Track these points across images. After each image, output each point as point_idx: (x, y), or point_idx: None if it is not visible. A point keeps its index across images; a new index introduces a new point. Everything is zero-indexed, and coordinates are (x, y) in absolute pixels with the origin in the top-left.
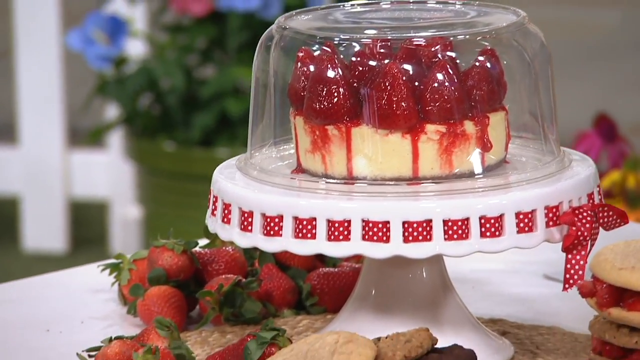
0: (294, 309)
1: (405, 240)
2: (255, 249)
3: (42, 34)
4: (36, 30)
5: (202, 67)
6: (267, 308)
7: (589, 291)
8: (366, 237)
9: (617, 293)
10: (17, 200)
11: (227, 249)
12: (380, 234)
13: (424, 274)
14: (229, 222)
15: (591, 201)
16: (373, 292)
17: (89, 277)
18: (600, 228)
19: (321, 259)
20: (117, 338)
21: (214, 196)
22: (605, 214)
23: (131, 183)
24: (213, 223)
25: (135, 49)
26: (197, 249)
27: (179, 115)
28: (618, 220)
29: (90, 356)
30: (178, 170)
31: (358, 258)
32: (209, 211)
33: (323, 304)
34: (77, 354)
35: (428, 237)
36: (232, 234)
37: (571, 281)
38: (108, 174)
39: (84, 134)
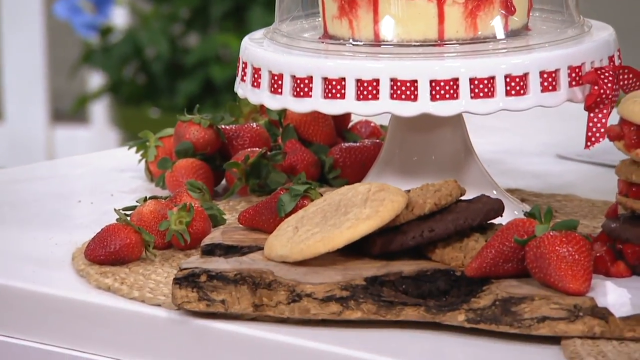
0: (317, 182)
1: (433, 98)
2: (279, 125)
3: (25, 7)
4: (20, 3)
5: (187, 35)
6: (291, 180)
7: (617, 134)
8: (394, 95)
9: None
10: None
11: (251, 124)
12: (408, 92)
13: (447, 138)
14: (258, 86)
15: (612, 63)
16: (397, 157)
17: (115, 159)
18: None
19: (343, 136)
20: (151, 198)
21: (243, 62)
22: (626, 75)
23: None
24: (243, 88)
25: (120, 18)
26: (221, 125)
27: (164, 83)
28: (638, 83)
29: (126, 215)
30: None
31: (379, 134)
32: (238, 78)
33: (345, 176)
34: (115, 209)
35: (455, 95)
36: (262, 97)
37: (593, 139)
38: (92, 149)
39: (67, 115)
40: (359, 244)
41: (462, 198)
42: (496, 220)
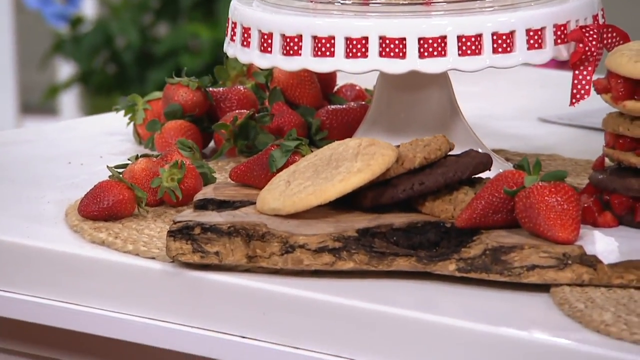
0: None
1: (421, 55)
2: (266, 88)
3: None
4: None
5: (156, 25)
6: None
7: (604, 87)
8: (383, 53)
9: (632, 86)
10: None
11: (238, 87)
12: (396, 50)
13: (434, 97)
14: (248, 45)
15: (596, 22)
16: (384, 116)
17: (103, 123)
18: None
19: (328, 100)
20: (143, 156)
21: (232, 22)
22: (610, 34)
23: None
24: (233, 48)
25: (91, 9)
26: (209, 88)
27: (134, 72)
28: (620, 41)
29: (118, 172)
30: None
31: (364, 97)
32: (227, 38)
33: (332, 137)
34: (107, 167)
35: (443, 52)
36: (252, 56)
37: (578, 96)
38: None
39: (36, 107)
40: (350, 198)
41: (451, 153)
42: (484, 175)
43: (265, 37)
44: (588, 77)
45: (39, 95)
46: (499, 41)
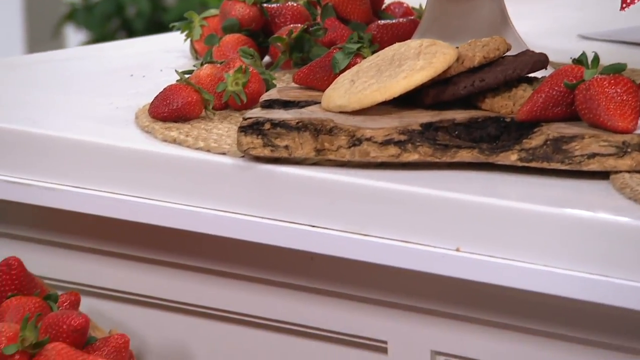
0: None
1: None
2: (318, 5)
3: None
4: None
5: None
6: None
7: None
8: None
9: None
10: None
11: (292, 3)
12: None
13: (485, 7)
14: None
15: None
16: (435, 27)
17: (159, 42)
18: None
19: (378, 16)
20: (207, 62)
21: None
22: None
23: None
24: None
25: None
26: (264, 4)
27: None
28: None
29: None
30: None
31: (411, 14)
32: None
33: None
34: (176, 71)
35: None
36: None
37: (628, 0)
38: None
39: None
40: (411, 96)
41: (507, 54)
42: (539, 75)
43: None
44: None
45: None
46: None
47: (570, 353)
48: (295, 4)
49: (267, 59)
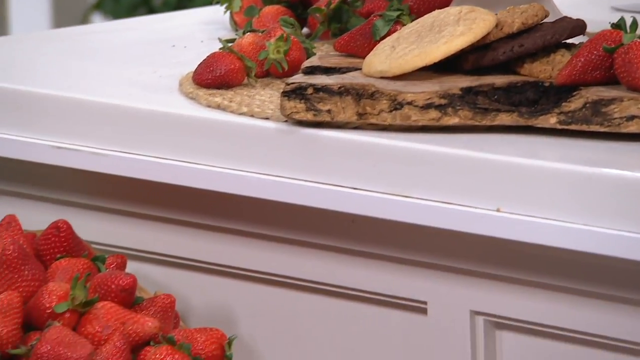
0: None
1: None
2: None
3: None
4: None
5: None
6: None
7: None
8: None
9: None
10: None
11: None
12: None
13: None
14: None
15: None
16: None
17: (196, 15)
18: None
19: None
20: (249, 31)
21: None
22: None
23: None
24: None
25: None
26: None
27: None
28: None
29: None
30: None
31: None
32: None
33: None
34: (219, 39)
35: None
36: None
37: None
38: None
39: None
40: (451, 62)
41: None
42: (576, 41)
43: None
44: None
45: None
46: None
47: (611, 312)
48: None
49: (305, 30)
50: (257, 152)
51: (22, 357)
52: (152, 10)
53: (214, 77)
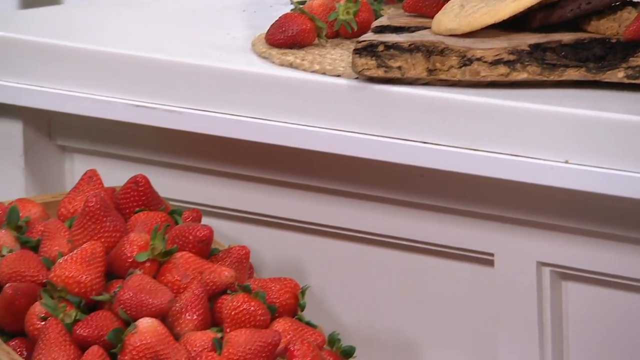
0: None
1: None
2: None
3: None
4: None
5: None
6: None
7: None
8: None
9: None
10: None
11: None
12: None
13: None
14: None
15: None
16: None
17: None
18: None
19: None
20: None
21: None
22: None
23: None
24: None
25: None
26: None
27: None
28: None
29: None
30: None
31: None
32: None
33: None
34: (292, 1)
35: None
36: None
37: None
38: None
39: None
40: (518, 20)
41: None
42: None
43: None
44: None
45: None
46: None
47: None
48: None
49: None
50: (329, 108)
51: (105, 303)
52: None
53: (286, 37)
